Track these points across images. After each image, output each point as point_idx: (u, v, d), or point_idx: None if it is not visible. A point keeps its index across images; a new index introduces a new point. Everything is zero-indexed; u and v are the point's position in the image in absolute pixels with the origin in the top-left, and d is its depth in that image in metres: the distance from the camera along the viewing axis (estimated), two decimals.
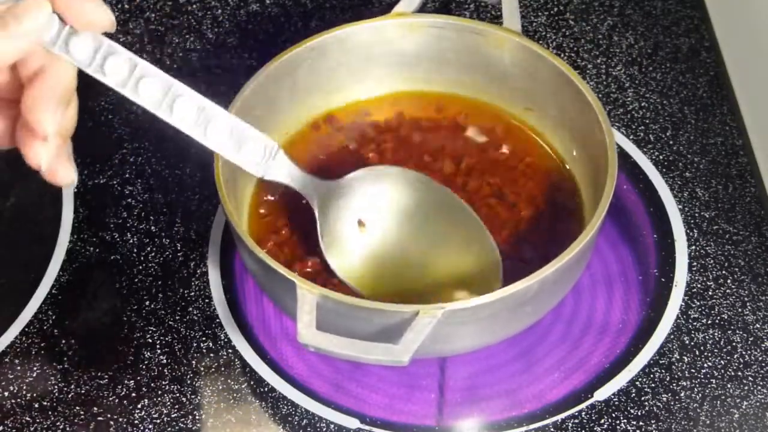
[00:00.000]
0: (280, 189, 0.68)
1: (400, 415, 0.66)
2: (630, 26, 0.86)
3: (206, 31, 0.87)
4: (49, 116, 0.50)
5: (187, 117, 0.57)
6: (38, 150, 0.51)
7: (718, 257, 0.72)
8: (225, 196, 0.63)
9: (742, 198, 0.75)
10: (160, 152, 0.79)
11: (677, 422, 0.65)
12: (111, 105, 0.81)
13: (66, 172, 0.53)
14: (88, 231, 0.75)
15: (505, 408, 0.66)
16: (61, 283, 0.72)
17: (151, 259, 0.73)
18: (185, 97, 0.57)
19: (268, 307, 0.70)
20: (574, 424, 0.65)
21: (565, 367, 0.67)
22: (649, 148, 0.78)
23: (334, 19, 0.87)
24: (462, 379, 0.67)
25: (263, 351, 0.69)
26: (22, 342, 0.69)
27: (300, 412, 0.66)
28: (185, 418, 0.66)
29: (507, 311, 0.60)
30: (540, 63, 0.69)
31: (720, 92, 0.81)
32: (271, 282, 0.62)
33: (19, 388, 0.67)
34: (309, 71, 0.71)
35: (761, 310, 0.70)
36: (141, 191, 0.77)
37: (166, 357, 0.69)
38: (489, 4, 0.86)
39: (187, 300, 0.71)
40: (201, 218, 0.75)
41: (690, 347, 0.68)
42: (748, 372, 0.67)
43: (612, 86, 0.82)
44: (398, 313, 0.57)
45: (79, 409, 0.66)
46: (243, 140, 0.60)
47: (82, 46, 0.52)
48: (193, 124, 0.58)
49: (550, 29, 0.86)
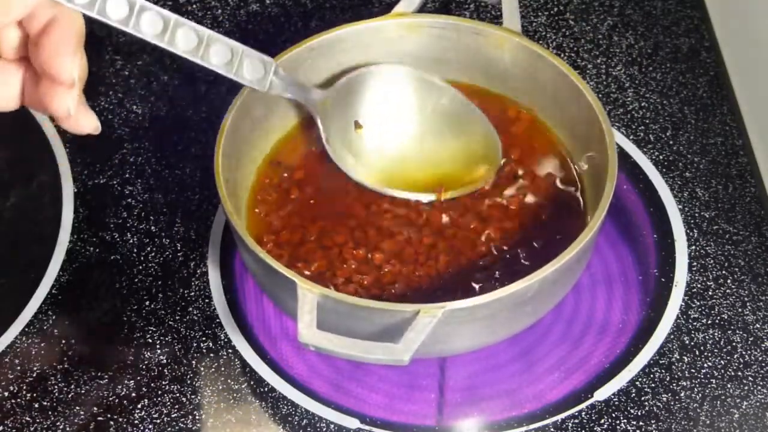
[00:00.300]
0: (277, 191, 0.69)
1: (400, 415, 0.66)
2: (630, 26, 0.86)
3: None
4: (72, 60, 0.52)
5: (188, 45, 0.60)
6: (64, 96, 0.52)
7: (718, 257, 0.72)
8: (225, 196, 0.63)
9: (742, 198, 0.75)
10: (160, 152, 0.79)
11: (677, 422, 0.65)
12: (111, 105, 0.81)
13: (90, 118, 0.55)
14: (88, 231, 0.75)
15: (505, 408, 0.66)
16: (61, 283, 0.72)
17: (151, 259, 0.73)
18: (186, 26, 0.59)
19: (268, 307, 0.70)
20: (574, 424, 0.65)
21: (565, 367, 0.67)
22: (649, 148, 0.78)
23: (334, 19, 0.87)
24: (462, 379, 0.67)
25: (263, 351, 0.69)
26: (22, 342, 0.69)
27: (300, 412, 0.66)
28: (185, 418, 0.66)
29: (507, 311, 0.60)
30: (540, 63, 0.69)
31: (720, 92, 0.81)
32: (271, 282, 0.62)
33: (19, 388, 0.67)
34: (309, 71, 0.71)
35: (761, 310, 0.70)
36: (141, 191, 0.77)
37: (166, 357, 0.69)
38: (489, 4, 0.86)
39: (187, 300, 0.71)
40: (201, 218, 0.75)
41: (690, 347, 0.68)
42: (748, 372, 0.67)
43: (612, 86, 0.82)
44: (399, 313, 0.57)
45: (79, 409, 0.66)
46: (242, 60, 0.63)
47: None
48: (195, 50, 0.60)
49: (550, 29, 0.86)
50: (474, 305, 0.58)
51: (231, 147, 0.66)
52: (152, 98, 0.82)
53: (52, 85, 0.52)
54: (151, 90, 0.83)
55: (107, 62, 0.84)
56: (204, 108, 0.81)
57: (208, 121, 0.80)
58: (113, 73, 0.83)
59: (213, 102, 0.81)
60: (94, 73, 0.82)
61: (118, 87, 0.83)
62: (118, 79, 0.83)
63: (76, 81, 0.52)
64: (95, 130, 0.55)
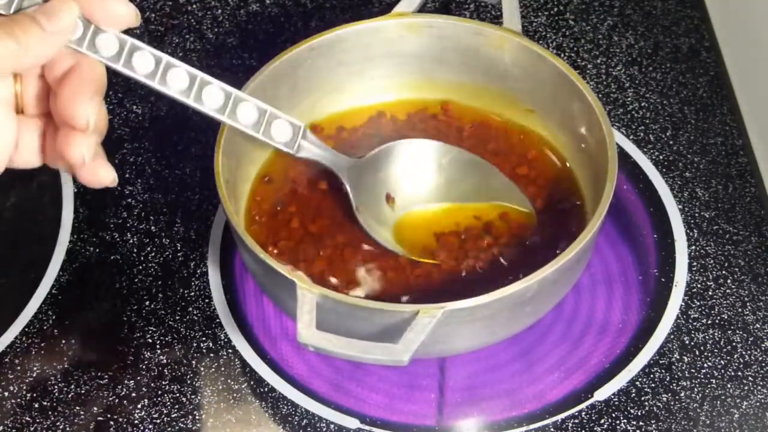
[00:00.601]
0: (274, 197, 0.69)
1: (400, 415, 0.66)
2: (630, 26, 0.86)
3: (206, 31, 0.87)
4: (88, 106, 0.52)
5: (215, 104, 0.60)
6: (79, 142, 0.53)
7: (718, 257, 0.72)
8: (225, 196, 0.63)
9: (742, 198, 0.75)
10: (160, 152, 0.79)
11: (677, 422, 0.65)
12: (111, 105, 0.81)
13: (107, 170, 0.55)
14: (88, 231, 0.75)
15: (505, 408, 0.66)
16: (61, 283, 0.72)
17: (151, 259, 0.73)
18: (213, 85, 0.60)
19: (268, 307, 0.70)
20: (574, 424, 0.65)
21: (565, 367, 0.67)
22: (649, 148, 0.78)
23: (334, 19, 0.87)
24: (462, 379, 0.67)
25: (263, 351, 0.69)
26: (22, 342, 0.69)
27: (300, 412, 0.66)
28: (185, 418, 0.66)
29: (507, 311, 0.60)
30: (540, 63, 0.69)
31: (720, 92, 0.81)
32: (271, 282, 0.62)
33: (19, 388, 0.67)
34: (309, 71, 0.71)
35: (761, 310, 0.70)
36: (141, 191, 0.77)
37: (166, 357, 0.69)
38: (489, 4, 0.86)
39: (187, 300, 0.71)
40: (201, 218, 0.75)
41: (690, 347, 0.68)
42: (748, 372, 0.67)
43: (612, 86, 0.82)
44: (398, 313, 0.57)
45: (79, 409, 0.66)
46: (271, 121, 0.63)
47: (108, 43, 0.55)
48: (222, 109, 0.61)
49: (550, 29, 0.86)
50: (474, 305, 0.58)
51: (231, 147, 0.66)
52: (152, 98, 0.82)
53: (69, 132, 0.53)
54: (151, 90, 0.82)
55: None
56: None
57: (208, 121, 0.80)
58: (113, 73, 0.83)
59: None
60: None
61: (118, 87, 0.83)
62: (118, 79, 0.82)
63: (92, 125, 0.52)
64: (112, 182, 0.55)
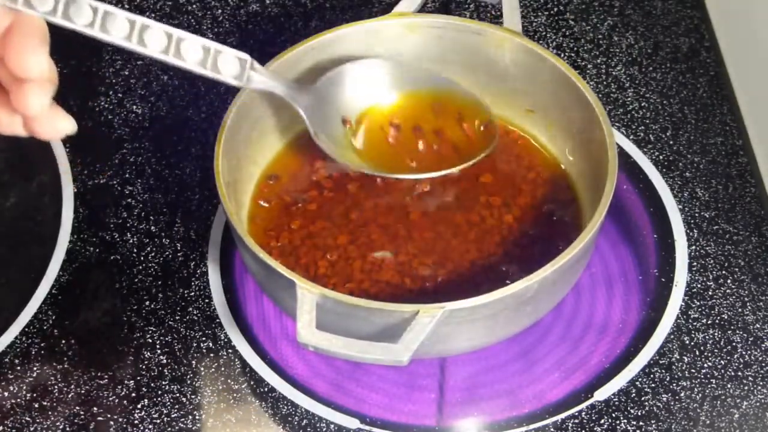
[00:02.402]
0: (276, 196, 0.69)
1: (400, 415, 0.66)
2: (630, 26, 0.86)
3: (206, 31, 0.87)
4: (39, 55, 0.51)
5: (159, 46, 0.58)
6: (36, 92, 0.52)
7: (718, 257, 0.72)
8: (225, 196, 0.63)
9: (742, 198, 0.75)
10: (160, 152, 0.79)
11: (677, 422, 0.65)
12: (111, 105, 0.81)
13: (65, 120, 0.53)
14: (88, 231, 0.75)
15: (505, 408, 0.66)
16: (61, 283, 0.72)
17: (151, 259, 0.73)
18: (153, 28, 0.57)
19: (268, 307, 0.70)
20: (574, 424, 0.65)
21: (565, 367, 0.67)
22: (649, 148, 0.78)
23: (334, 19, 0.87)
24: (462, 379, 0.67)
25: (263, 351, 0.69)
26: (22, 342, 0.69)
27: (300, 412, 0.66)
28: (185, 418, 0.66)
29: (507, 311, 0.60)
30: (540, 63, 0.69)
31: (720, 92, 0.81)
32: (271, 282, 0.62)
33: (19, 388, 0.67)
34: (309, 71, 0.71)
35: (761, 310, 0.70)
36: (141, 191, 0.77)
37: (166, 357, 0.69)
38: (489, 4, 0.86)
39: (187, 300, 0.71)
40: (201, 218, 0.75)
41: (690, 347, 0.68)
42: (748, 372, 0.67)
43: (612, 86, 0.82)
44: (398, 313, 0.57)
45: (79, 409, 0.66)
46: (217, 57, 0.61)
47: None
48: (165, 50, 0.58)
49: (550, 29, 0.86)
50: (474, 305, 0.58)
51: (231, 147, 0.66)
52: (152, 98, 0.82)
53: (23, 86, 0.52)
54: (151, 90, 0.83)
55: (107, 62, 0.84)
56: (204, 108, 0.81)
57: (208, 121, 0.80)
58: (113, 73, 0.83)
59: (213, 102, 0.81)
60: (94, 73, 0.83)
61: (118, 87, 0.83)
62: (118, 79, 0.83)
63: (46, 72, 0.51)
64: (71, 130, 0.54)
